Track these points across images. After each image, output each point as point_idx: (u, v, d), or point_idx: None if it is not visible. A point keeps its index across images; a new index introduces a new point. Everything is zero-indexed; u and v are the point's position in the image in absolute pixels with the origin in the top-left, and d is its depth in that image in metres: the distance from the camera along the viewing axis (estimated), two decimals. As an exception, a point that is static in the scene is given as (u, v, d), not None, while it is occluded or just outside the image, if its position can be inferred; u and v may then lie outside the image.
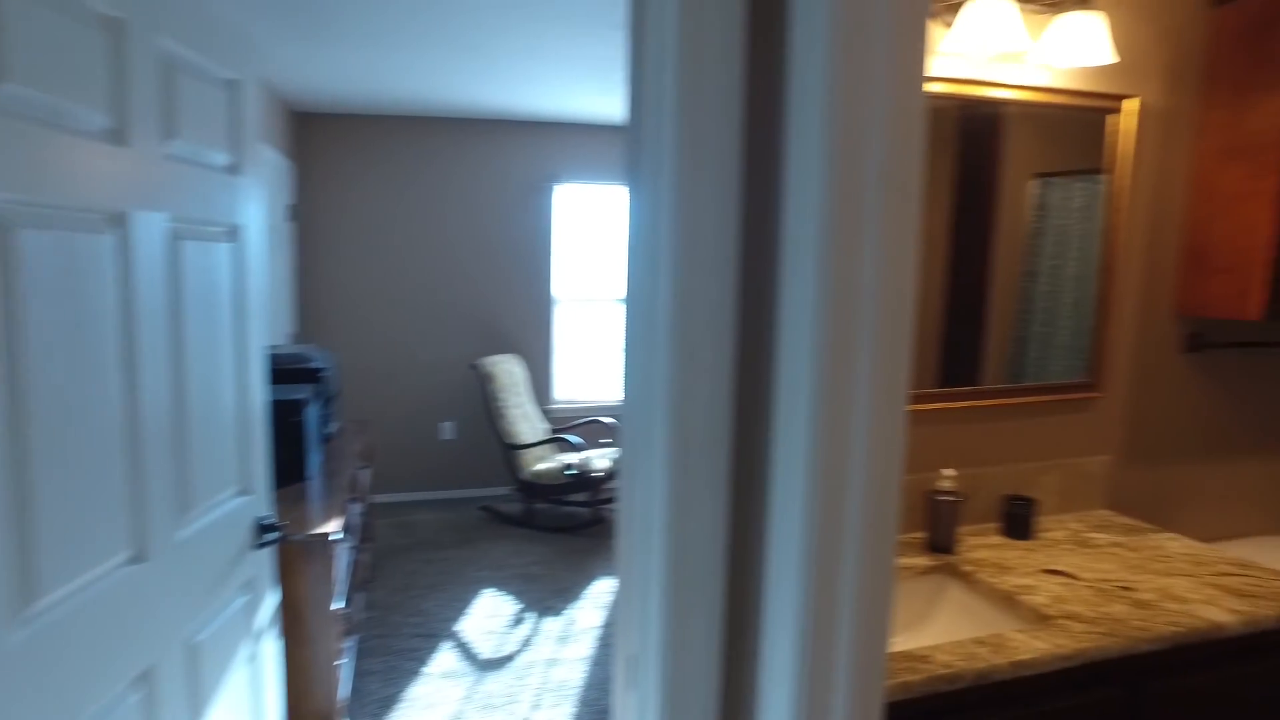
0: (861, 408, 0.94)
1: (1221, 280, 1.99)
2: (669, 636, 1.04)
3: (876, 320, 0.93)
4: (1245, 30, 1.95)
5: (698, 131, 0.98)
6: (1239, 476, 2.27)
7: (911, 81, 0.91)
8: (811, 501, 0.93)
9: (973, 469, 1.93)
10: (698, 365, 1.01)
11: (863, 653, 0.99)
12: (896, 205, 0.91)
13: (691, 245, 0.99)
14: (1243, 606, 1.52)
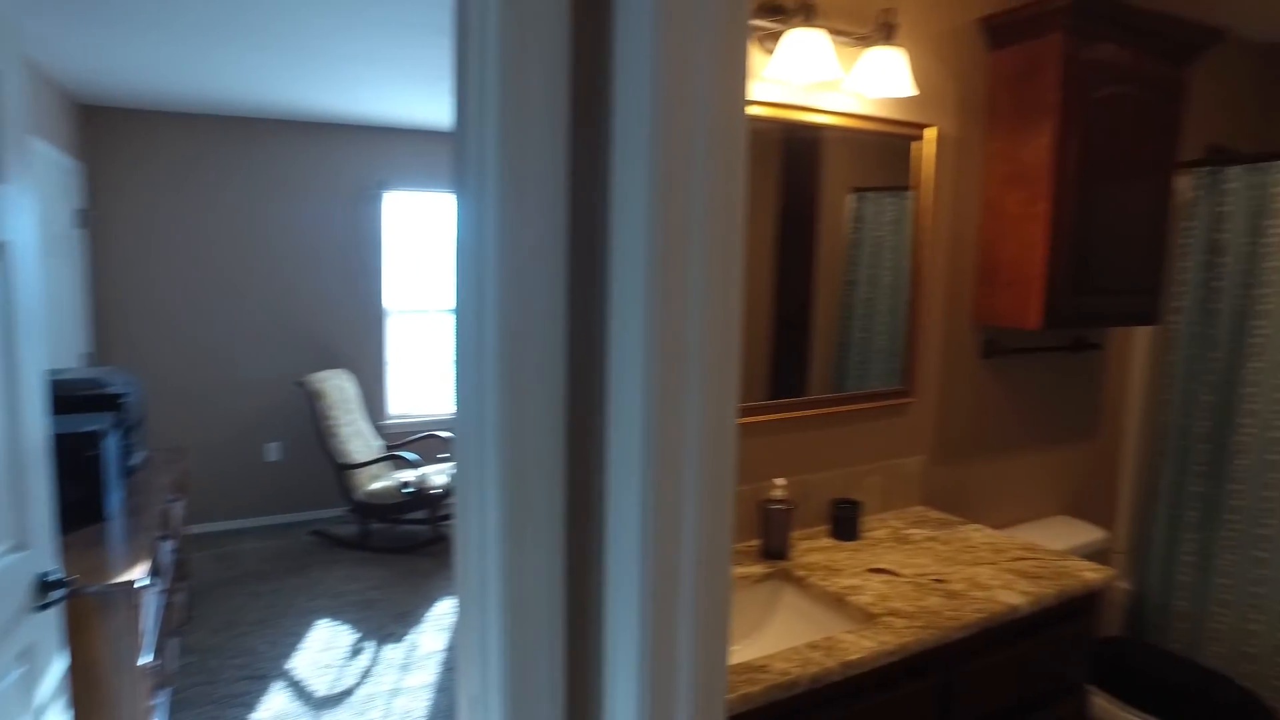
0: (694, 422, 0.95)
1: (1008, 293, 2.21)
2: (510, 679, 1.02)
3: (705, 335, 0.95)
4: (1014, 75, 2.18)
5: (522, 143, 0.96)
6: (1026, 467, 2.54)
7: (734, 100, 0.94)
8: (648, 523, 0.93)
9: (802, 475, 2.03)
10: (528, 381, 0.99)
11: (704, 671, 1.01)
12: (721, 221, 0.94)
13: (518, 257, 0.97)
14: (1032, 589, 1.69)
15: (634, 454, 0.94)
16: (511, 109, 0.95)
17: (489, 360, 1.00)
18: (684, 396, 0.94)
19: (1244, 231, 2.48)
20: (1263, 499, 2.45)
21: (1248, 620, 2.49)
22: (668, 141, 0.90)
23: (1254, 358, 2.46)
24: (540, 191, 0.98)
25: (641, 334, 0.92)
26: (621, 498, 0.97)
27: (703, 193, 0.92)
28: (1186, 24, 2.20)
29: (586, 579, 1.08)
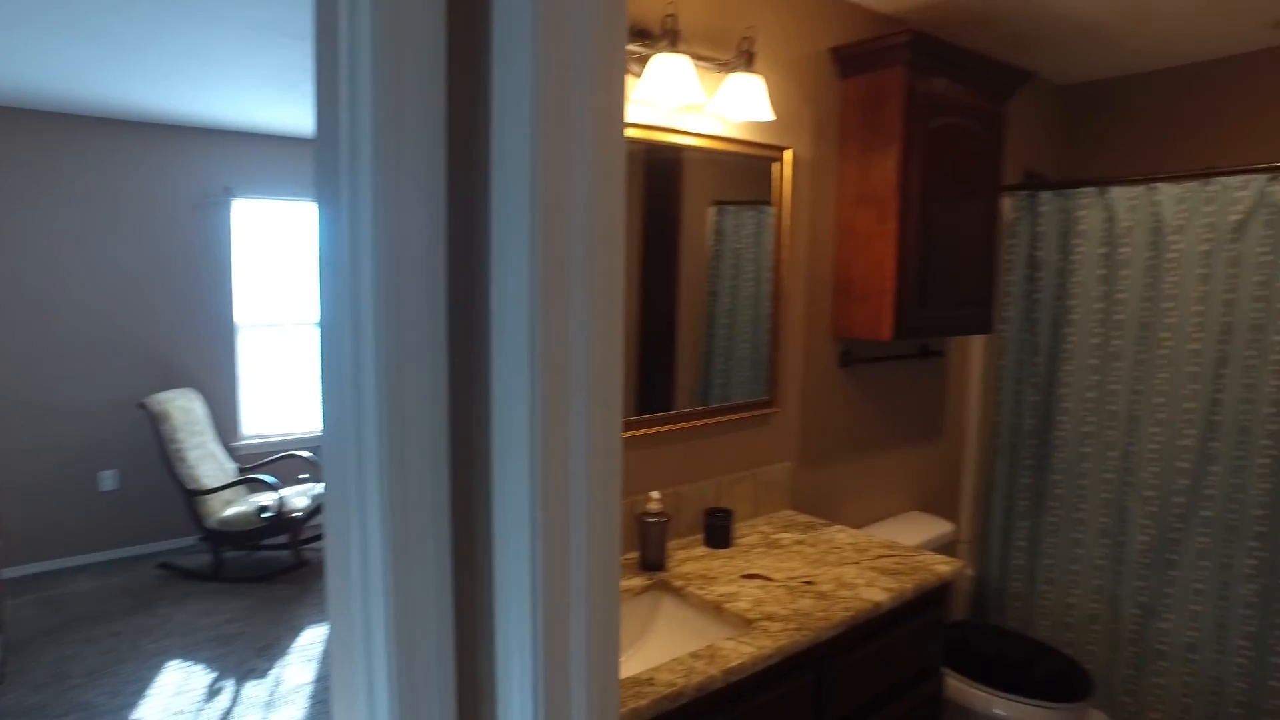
0: (579, 440, 0.97)
1: (862, 307, 2.37)
2: (399, 709, 1.00)
3: (590, 352, 0.97)
4: (863, 102, 2.34)
5: (399, 155, 0.94)
6: (882, 467, 2.72)
7: (612, 118, 0.97)
8: (538, 544, 0.95)
9: (675, 487, 2.10)
10: (409, 401, 0.97)
11: (597, 689, 1.03)
12: (603, 236, 0.96)
13: (396, 272, 0.95)
14: (893, 585, 1.83)
15: (521, 474, 0.95)
16: (388, 121, 0.93)
17: (367, 379, 0.97)
18: (569, 414, 0.96)
19: (1056, 249, 2.77)
20: (1078, 487, 2.74)
21: (1068, 595, 2.78)
22: (549, 160, 0.91)
23: (1066, 361, 2.76)
24: (419, 205, 0.96)
25: (526, 352, 0.93)
26: (509, 518, 0.98)
27: (584, 209, 0.94)
28: (1003, 65, 2.44)
29: (476, 602, 1.08)
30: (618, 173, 0.98)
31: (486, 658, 1.06)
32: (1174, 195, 2.51)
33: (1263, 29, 2.62)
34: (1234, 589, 2.42)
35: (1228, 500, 2.43)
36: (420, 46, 0.95)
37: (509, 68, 0.92)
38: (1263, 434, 2.36)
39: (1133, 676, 2.63)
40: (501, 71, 0.94)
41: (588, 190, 0.95)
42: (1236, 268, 2.40)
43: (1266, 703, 2.39)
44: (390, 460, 0.95)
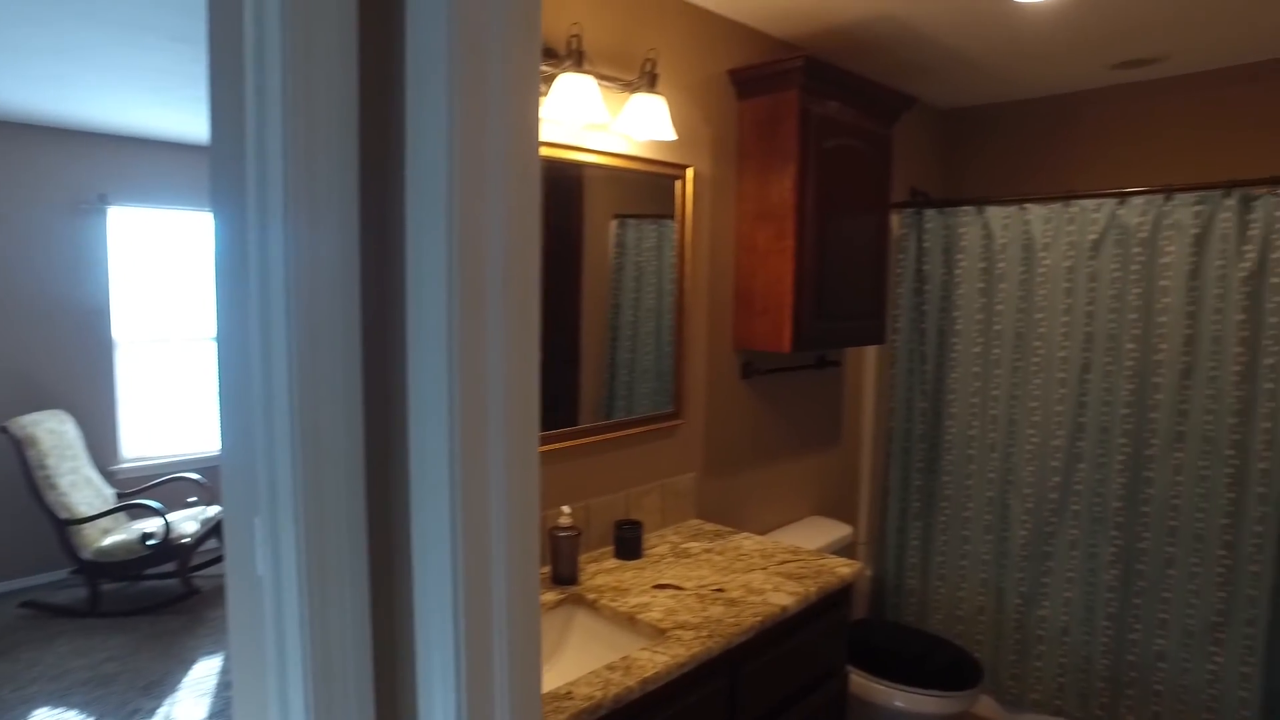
0: (497, 456, 0.98)
1: (762, 320, 2.46)
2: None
3: (507, 370, 0.98)
4: (761, 123, 2.43)
5: (313, 170, 0.93)
6: (784, 474, 2.82)
7: (527, 134, 0.98)
8: (459, 566, 0.95)
9: (585, 501, 2.11)
10: (325, 421, 0.96)
11: (520, 708, 1.04)
12: (519, 253, 0.97)
13: (309, 287, 0.93)
14: (798, 589, 1.90)
15: (441, 491, 0.95)
16: (300, 134, 0.92)
17: (279, 397, 0.95)
18: (488, 430, 0.97)
19: (941, 264, 2.95)
20: (965, 488, 2.92)
21: (958, 589, 2.95)
22: (465, 179, 0.92)
23: (952, 369, 2.93)
24: (332, 220, 0.95)
25: (445, 369, 0.93)
26: (430, 536, 0.97)
27: (501, 227, 0.95)
28: (890, 90, 2.59)
29: (395, 622, 1.07)
30: (533, 190, 1.00)
31: (407, 679, 1.05)
32: (1041, 215, 2.72)
33: (1108, 69, 2.88)
34: (1099, 575, 2.64)
35: (1092, 495, 2.65)
36: (332, 60, 0.94)
37: (424, 84, 0.92)
38: (1119, 433, 2.58)
39: (1016, 661, 2.82)
40: (416, 89, 0.94)
41: (504, 209, 0.96)
42: (1095, 282, 2.62)
43: (1126, 675, 2.61)
44: (305, 480, 0.93)
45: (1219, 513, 2.43)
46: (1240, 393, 2.39)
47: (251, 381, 1.03)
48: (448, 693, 0.97)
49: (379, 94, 1.00)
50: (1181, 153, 2.97)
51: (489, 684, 0.99)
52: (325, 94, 0.92)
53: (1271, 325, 2.35)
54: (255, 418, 1.02)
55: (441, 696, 0.98)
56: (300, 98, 0.90)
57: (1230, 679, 2.42)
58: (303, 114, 0.91)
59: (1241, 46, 2.62)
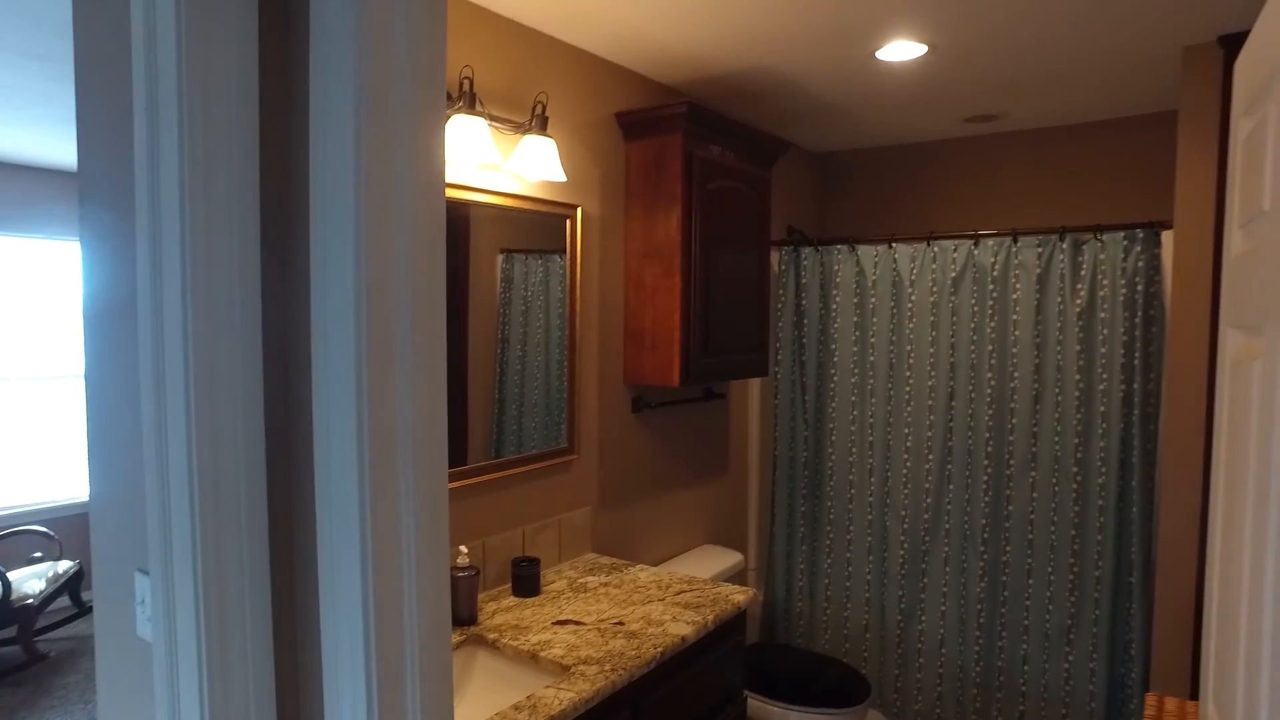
0: (407, 501, 0.97)
1: (652, 355, 2.52)
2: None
3: (416, 414, 0.97)
4: (646, 165, 2.52)
5: (211, 203, 0.90)
6: (676, 505, 2.87)
7: (433, 178, 0.98)
8: (369, 619, 0.92)
9: (481, 539, 2.09)
10: (226, 460, 0.92)
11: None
12: (426, 296, 0.97)
13: (210, 321, 0.90)
14: (696, 618, 1.94)
15: (350, 536, 0.93)
16: (196, 169, 0.89)
17: (175, 445, 0.91)
18: (398, 475, 0.95)
19: (818, 299, 3.12)
20: (847, 511, 3.06)
21: (844, 610, 3.08)
22: (372, 223, 0.91)
23: (831, 399, 3.09)
24: (232, 258, 0.92)
25: (353, 411, 0.91)
26: (338, 584, 0.94)
27: (408, 269, 0.95)
28: (768, 135, 2.74)
29: (300, 684, 1.02)
30: (439, 225, 1.00)
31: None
32: (908, 254, 2.93)
33: (960, 122, 3.17)
34: (970, 588, 2.82)
35: (961, 514, 2.84)
36: (231, 89, 0.92)
37: (328, 128, 0.92)
38: (983, 455, 2.79)
39: (899, 675, 2.96)
40: (320, 131, 0.93)
41: (411, 244, 0.96)
42: (956, 316, 2.84)
43: (996, 679, 2.79)
44: (204, 530, 0.89)
45: (1067, 525, 2.65)
46: (1080, 415, 2.64)
47: (137, 424, 0.98)
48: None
49: (281, 128, 0.98)
50: (1024, 198, 3.28)
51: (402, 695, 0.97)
52: (225, 127, 0.90)
53: (1102, 355, 2.61)
54: (142, 463, 0.96)
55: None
56: (198, 132, 0.88)
57: (1081, 675, 2.63)
58: (200, 147, 0.89)
59: (1065, 110, 2.95)
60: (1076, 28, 2.16)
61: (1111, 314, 2.59)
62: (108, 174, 1.09)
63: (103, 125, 1.10)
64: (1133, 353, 2.55)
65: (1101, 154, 3.13)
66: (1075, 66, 2.47)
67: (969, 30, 2.18)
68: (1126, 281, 2.56)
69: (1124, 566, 2.59)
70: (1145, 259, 2.53)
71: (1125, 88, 2.70)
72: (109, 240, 1.09)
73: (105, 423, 1.11)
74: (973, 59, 2.41)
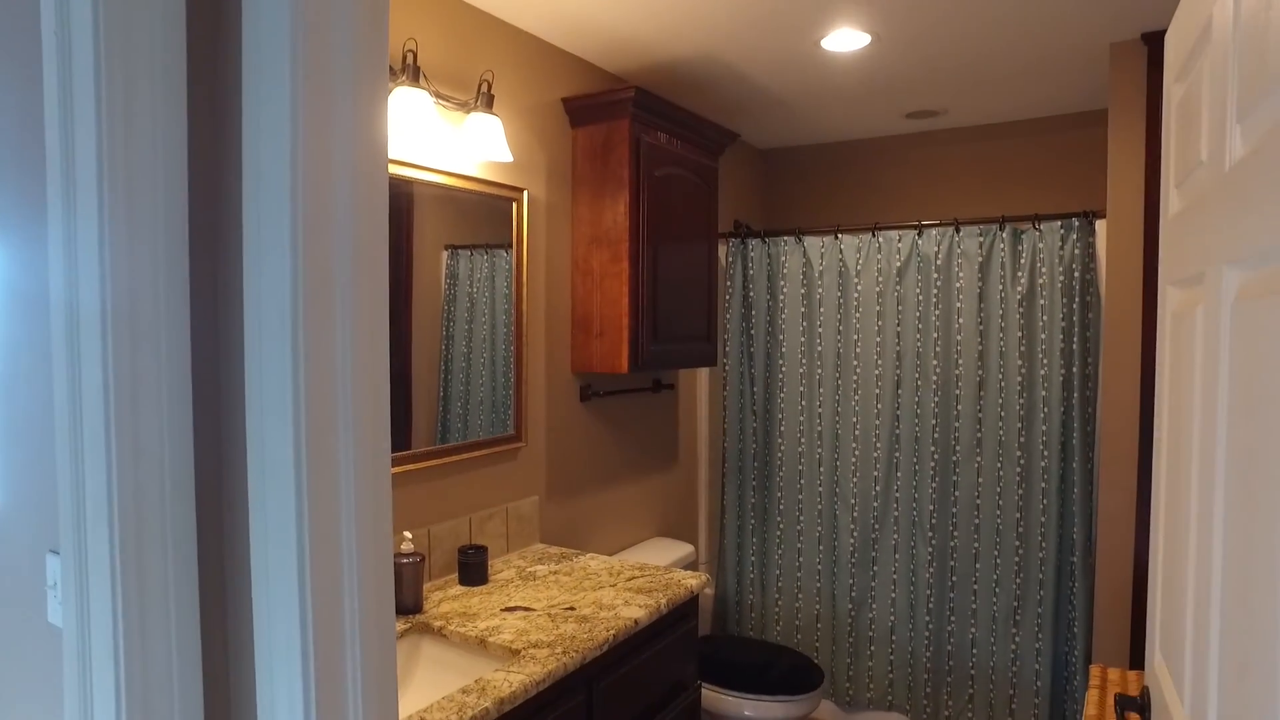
0: (348, 481, 0.92)
1: (600, 342, 2.48)
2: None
3: (356, 394, 0.93)
4: (594, 150, 2.50)
5: (133, 185, 0.84)
6: (626, 497, 2.84)
7: (375, 152, 0.94)
8: (306, 600, 0.87)
9: (426, 526, 2.02)
10: (149, 437, 0.85)
11: None
12: (367, 273, 0.93)
13: (131, 305, 0.84)
14: (649, 601, 1.90)
15: (287, 521, 0.87)
16: (117, 149, 0.83)
17: (92, 420, 0.84)
18: (336, 452, 0.90)
19: (765, 290, 3.13)
20: (796, 502, 3.07)
21: (795, 600, 3.08)
22: (310, 200, 0.86)
23: (780, 390, 3.10)
24: (154, 237, 0.87)
25: (290, 387, 0.86)
26: (273, 572, 0.89)
27: (348, 248, 0.90)
28: (715, 125, 2.74)
29: (231, 673, 0.96)
30: (380, 203, 0.96)
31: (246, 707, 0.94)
32: (853, 244, 2.96)
33: (902, 118, 3.23)
34: (919, 574, 2.84)
35: (909, 501, 2.87)
36: (154, 65, 0.87)
37: (263, 103, 0.87)
38: (929, 441, 2.82)
39: (850, 664, 2.96)
40: (254, 106, 0.88)
41: (352, 219, 0.91)
42: (902, 305, 2.88)
43: (945, 664, 2.82)
44: (124, 508, 0.82)
45: (1012, 508, 2.70)
46: (1022, 400, 2.69)
47: (47, 401, 0.91)
48: None
49: (211, 97, 0.93)
50: (965, 192, 3.36)
51: (342, 689, 0.91)
52: (148, 99, 0.85)
53: (1043, 340, 2.67)
54: (53, 427, 0.89)
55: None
56: (118, 108, 0.82)
57: (1028, 655, 2.67)
58: (120, 125, 0.83)
59: (1003, 108, 3.03)
60: (1011, 21, 2.22)
61: (1051, 300, 2.65)
62: (15, 152, 1.02)
63: (6, 106, 1.04)
64: (1071, 338, 2.62)
65: (1038, 150, 3.22)
66: (1011, 60, 2.54)
67: (911, 20, 2.22)
68: (1064, 268, 2.63)
69: (1066, 547, 2.65)
70: (1081, 246, 2.60)
71: (1059, 85, 2.78)
72: (15, 224, 1.02)
73: (7, 400, 1.04)
74: (914, 49, 2.45)
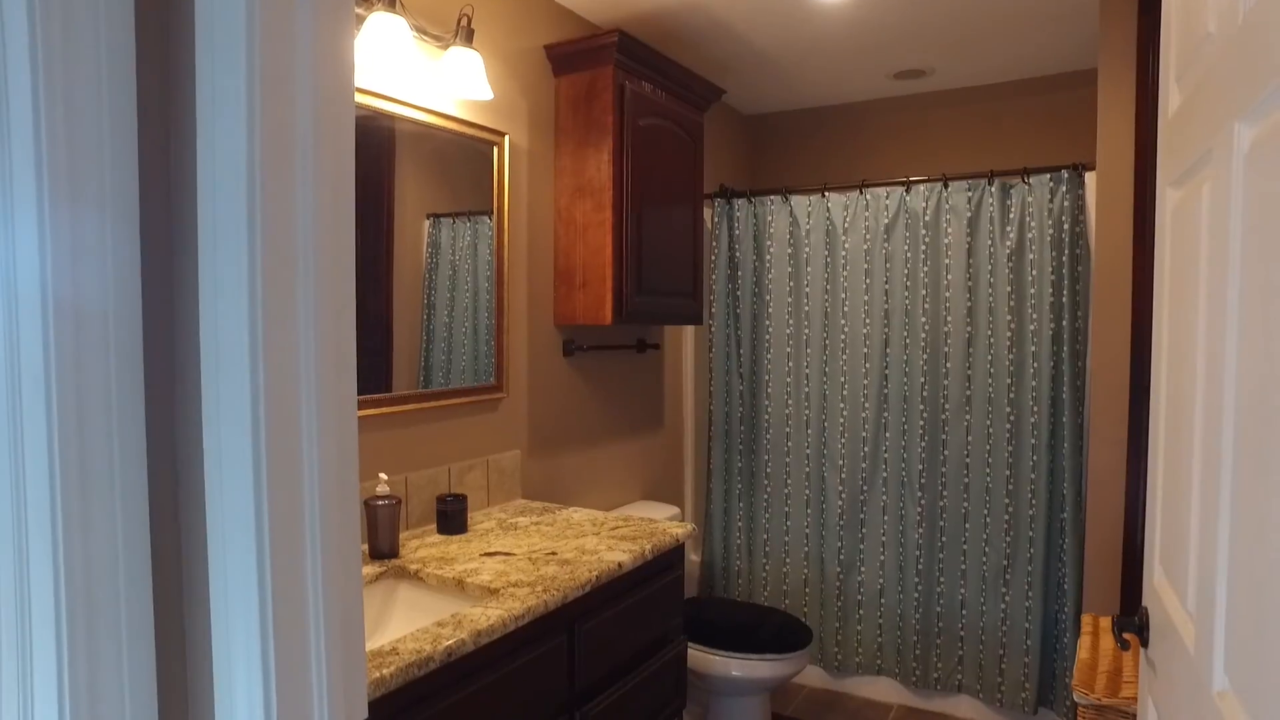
0: (310, 418, 0.86)
1: (584, 294, 2.42)
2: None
3: (320, 335, 0.87)
4: (577, 99, 2.44)
5: (73, 125, 0.78)
6: (609, 458, 2.77)
7: (341, 76, 0.88)
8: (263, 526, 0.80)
9: (403, 474, 1.95)
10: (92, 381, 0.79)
11: (340, 666, 0.89)
12: (332, 206, 0.87)
13: (74, 263, 0.78)
14: (633, 547, 1.84)
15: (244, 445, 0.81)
16: (55, 95, 0.76)
17: (31, 365, 0.78)
18: (299, 390, 0.85)
19: (751, 251, 3.08)
20: (784, 465, 3.02)
21: (783, 565, 3.03)
22: (269, 129, 0.80)
23: (766, 351, 3.05)
24: (102, 191, 0.80)
25: (246, 316, 0.80)
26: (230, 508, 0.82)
27: (311, 179, 0.84)
28: (700, 78, 2.69)
29: (181, 591, 0.89)
30: (347, 139, 0.90)
31: (199, 618, 0.88)
32: (840, 203, 2.92)
33: (889, 79, 3.19)
34: (908, 535, 2.80)
35: (898, 461, 2.82)
36: None
37: (217, 30, 0.80)
38: (918, 400, 2.78)
39: (839, 628, 2.92)
40: (206, 29, 0.81)
41: (315, 158, 0.85)
42: (890, 262, 2.84)
43: (934, 626, 2.78)
44: (63, 469, 0.76)
45: (1002, 465, 2.66)
46: (1012, 356, 2.65)
47: None
48: (251, 655, 0.81)
49: (162, 22, 0.86)
50: (953, 154, 3.32)
51: (305, 643, 0.84)
52: (90, 33, 0.78)
53: (1032, 295, 2.64)
54: None
55: (245, 664, 0.81)
56: (55, 39, 0.75)
57: (1018, 614, 2.63)
58: (59, 59, 0.76)
59: (990, 68, 2.99)
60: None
61: (1040, 254, 2.62)
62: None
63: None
64: (1060, 291, 2.59)
65: (1026, 113, 3.19)
66: (999, 12, 2.50)
67: (900, -44, 2.17)
68: (1054, 222, 2.60)
69: (1056, 503, 2.61)
70: (1070, 199, 2.57)
71: (1048, 39, 2.75)
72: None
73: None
74: (900, 2, 2.41)
